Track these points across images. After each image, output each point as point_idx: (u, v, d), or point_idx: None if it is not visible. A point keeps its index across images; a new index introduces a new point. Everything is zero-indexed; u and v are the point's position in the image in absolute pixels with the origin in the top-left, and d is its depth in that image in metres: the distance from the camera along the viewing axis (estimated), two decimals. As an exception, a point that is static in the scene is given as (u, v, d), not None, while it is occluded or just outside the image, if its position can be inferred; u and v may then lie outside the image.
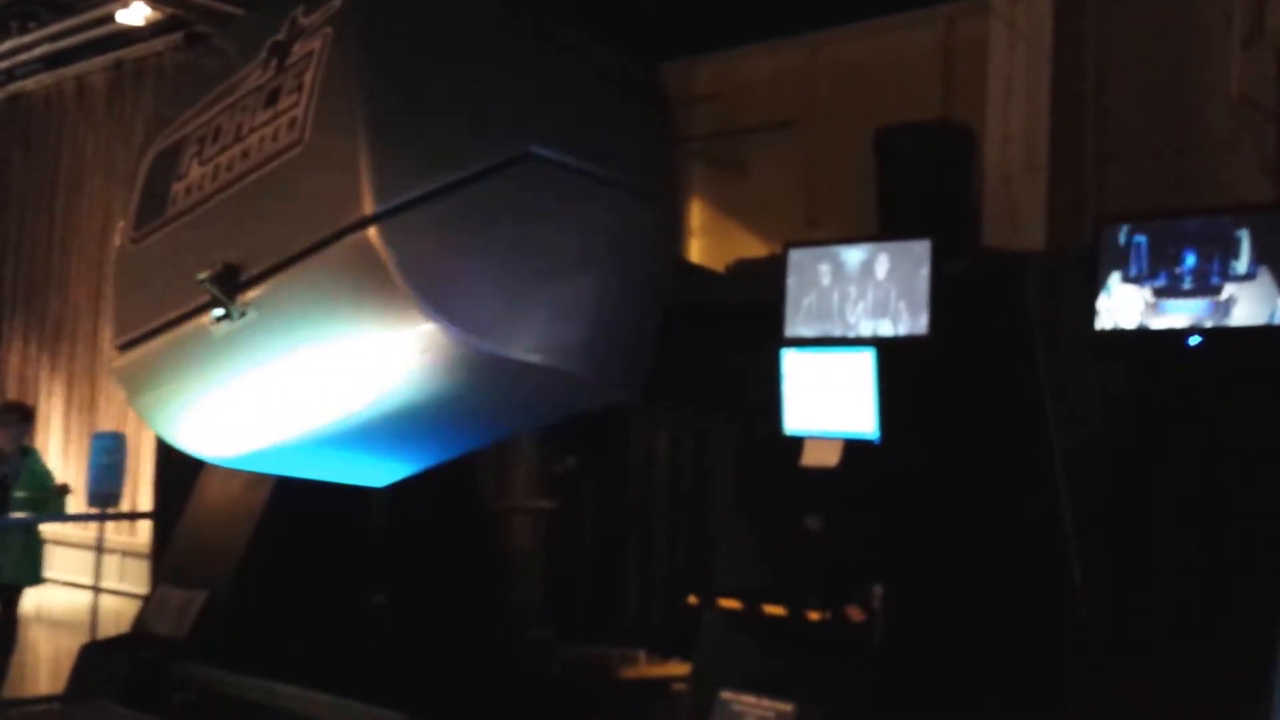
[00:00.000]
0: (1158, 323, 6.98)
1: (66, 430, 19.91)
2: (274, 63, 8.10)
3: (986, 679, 7.55)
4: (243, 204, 7.99)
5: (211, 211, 8.21)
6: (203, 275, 7.90)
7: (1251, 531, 6.58)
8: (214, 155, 8.31)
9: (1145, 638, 6.77)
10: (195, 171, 8.42)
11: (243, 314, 7.81)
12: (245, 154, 8.02)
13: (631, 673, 10.81)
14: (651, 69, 10.12)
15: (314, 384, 8.00)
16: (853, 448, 7.83)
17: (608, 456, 11.65)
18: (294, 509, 9.75)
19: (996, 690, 7.56)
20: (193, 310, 8.06)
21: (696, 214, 13.81)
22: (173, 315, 8.30)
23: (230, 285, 7.85)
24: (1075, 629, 7.17)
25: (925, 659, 7.44)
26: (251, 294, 7.73)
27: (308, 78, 7.70)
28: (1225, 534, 6.66)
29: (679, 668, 10.06)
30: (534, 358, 7.81)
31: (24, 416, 12.41)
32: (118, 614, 13.44)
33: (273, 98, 7.96)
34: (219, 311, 7.86)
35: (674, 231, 9.32)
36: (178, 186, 8.54)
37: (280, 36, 8.15)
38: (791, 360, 8.05)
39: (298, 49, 7.95)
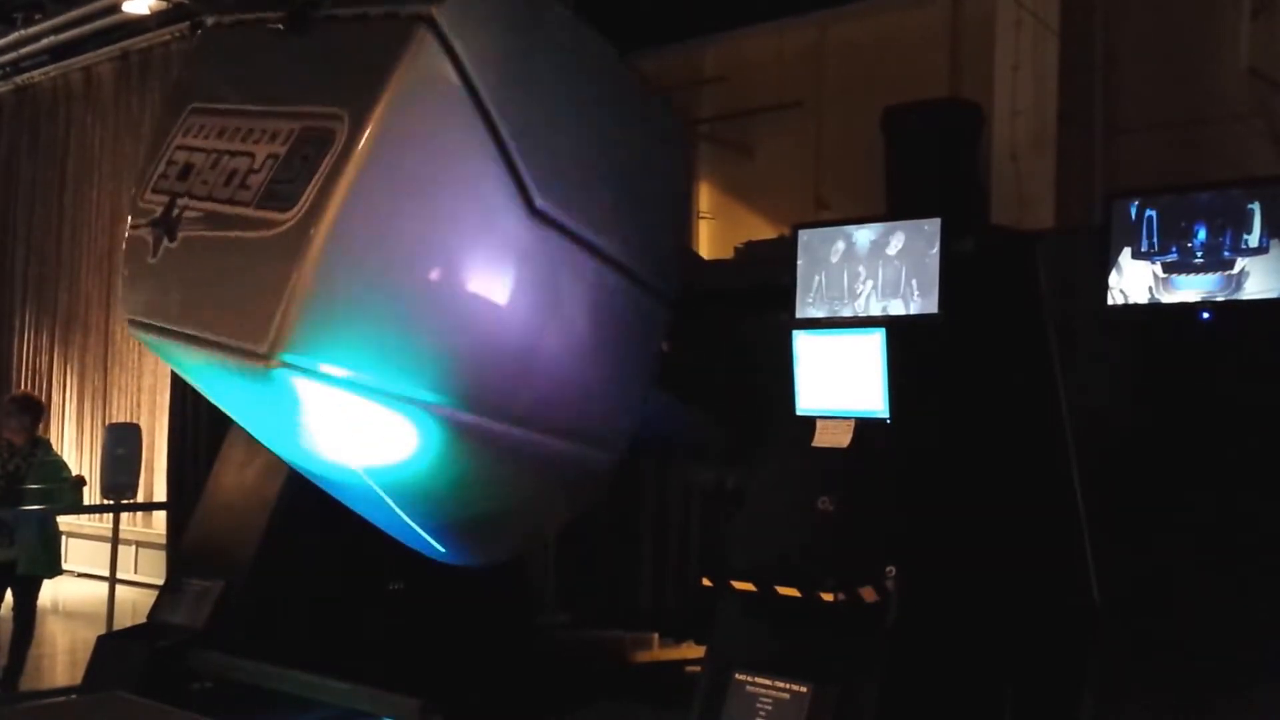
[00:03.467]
0: (1169, 298, 6.96)
1: (80, 422, 19.95)
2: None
3: (1000, 659, 7.56)
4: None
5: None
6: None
7: (1267, 508, 6.56)
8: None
9: (1161, 617, 6.76)
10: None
11: None
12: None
13: (645, 656, 10.83)
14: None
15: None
16: (864, 427, 7.83)
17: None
18: (309, 497, 9.75)
19: (1011, 671, 7.58)
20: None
21: (705, 197, 13.82)
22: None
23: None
24: (1089, 608, 7.16)
25: (939, 639, 7.43)
26: None
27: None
28: (1240, 510, 6.64)
29: (693, 651, 10.07)
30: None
31: (33, 409, 12.41)
32: (134, 605, 13.49)
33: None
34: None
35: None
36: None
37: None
38: (802, 341, 8.04)
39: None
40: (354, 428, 8.03)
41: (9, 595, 11.79)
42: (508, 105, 7.87)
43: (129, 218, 8.64)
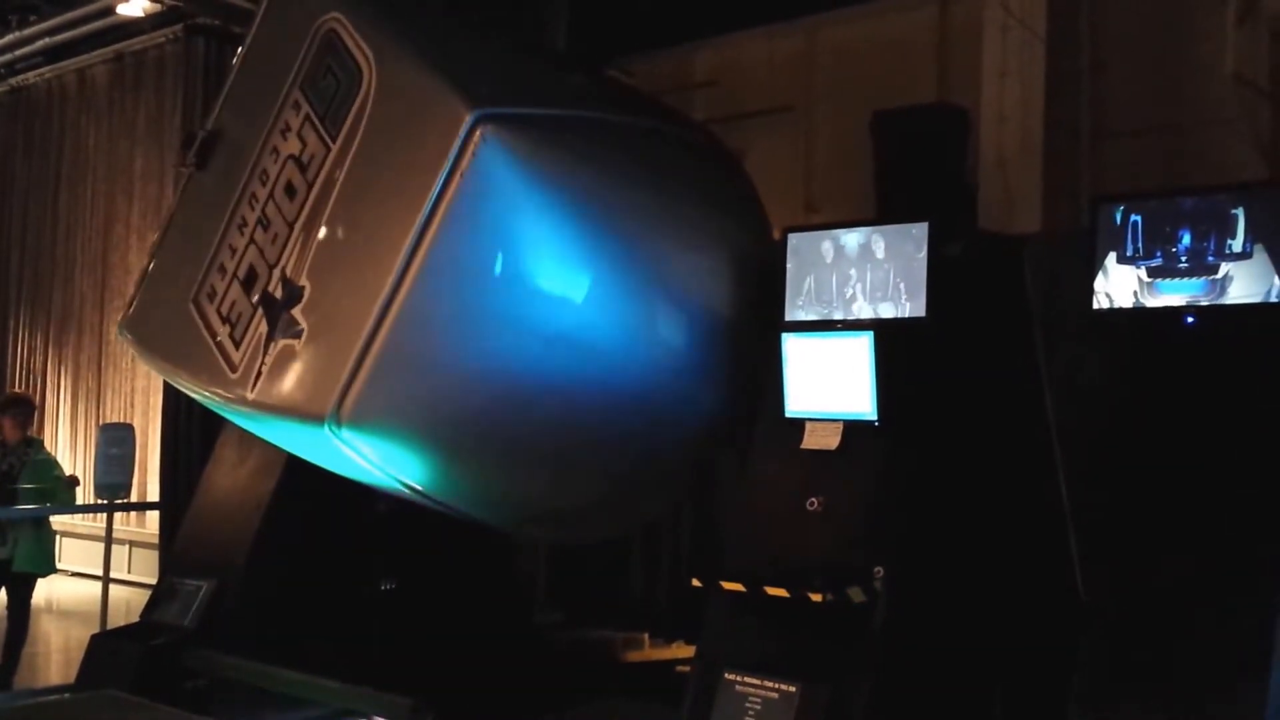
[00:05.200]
0: (1154, 302, 7.00)
1: (74, 422, 19.94)
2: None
3: (988, 659, 7.61)
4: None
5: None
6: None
7: (1250, 510, 6.62)
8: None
9: (1145, 617, 6.81)
10: None
11: None
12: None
13: (636, 655, 10.85)
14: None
15: None
16: (853, 430, 7.88)
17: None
18: (301, 496, 9.80)
19: (998, 671, 7.63)
20: None
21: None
22: None
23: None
24: (1076, 609, 7.21)
25: (927, 639, 7.48)
26: None
27: None
28: (1224, 512, 6.70)
29: (684, 650, 10.10)
30: None
31: (25, 408, 12.42)
32: (128, 604, 13.48)
33: None
34: None
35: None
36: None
37: None
38: (792, 344, 8.09)
39: None
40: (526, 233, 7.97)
41: (3, 593, 11.81)
42: None
43: (247, 398, 8.26)
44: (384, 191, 7.80)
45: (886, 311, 7.86)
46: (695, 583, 8.00)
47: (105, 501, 12.77)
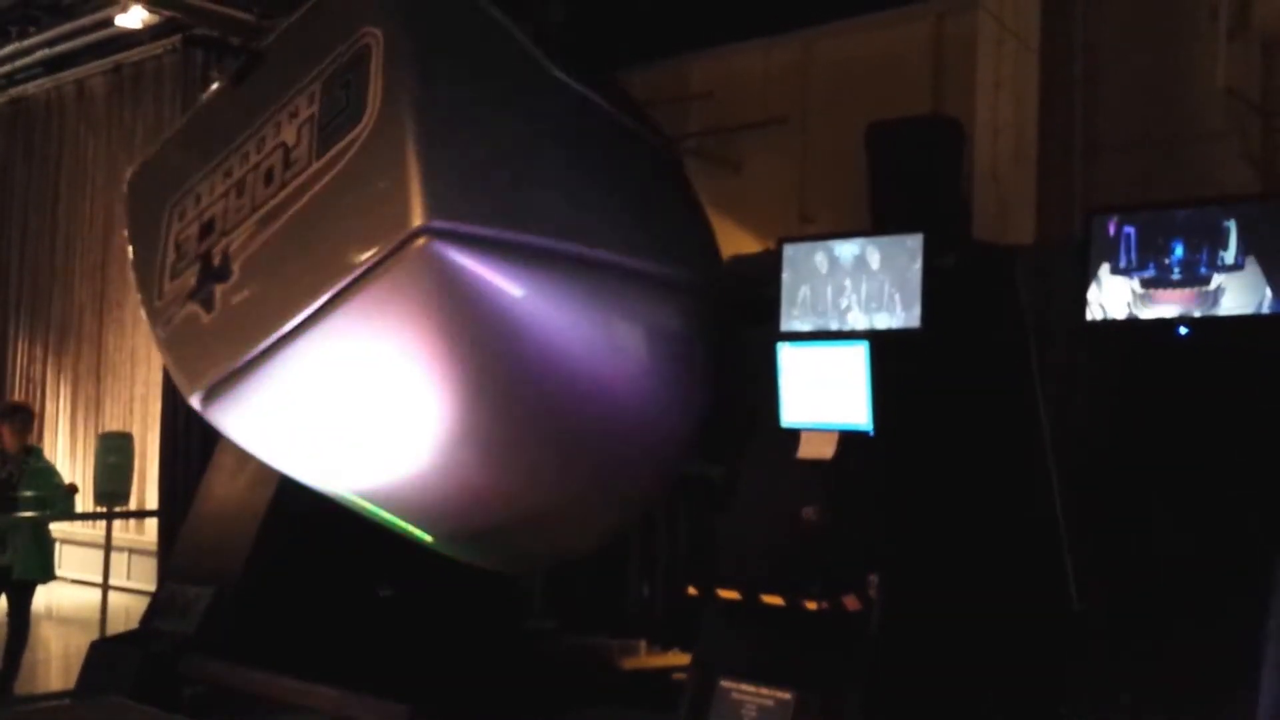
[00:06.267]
0: (1147, 313, 7.05)
1: (73, 430, 19.98)
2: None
3: (982, 668, 7.64)
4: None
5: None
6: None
7: (1241, 519, 6.67)
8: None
9: (1138, 626, 6.86)
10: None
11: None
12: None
13: (632, 663, 10.88)
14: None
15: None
16: (848, 440, 7.92)
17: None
18: (299, 503, 9.84)
19: (992, 678, 7.66)
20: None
21: (692, 211, 13.88)
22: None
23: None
24: (1069, 617, 7.26)
25: (921, 647, 7.51)
26: None
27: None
28: (1215, 522, 6.75)
29: (679, 658, 10.13)
30: None
31: (24, 417, 12.45)
32: (127, 611, 13.52)
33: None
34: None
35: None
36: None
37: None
38: (787, 354, 8.13)
39: None
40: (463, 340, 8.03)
41: (3, 600, 11.85)
42: None
43: (154, 329, 8.80)
44: (328, 236, 7.91)
45: (881, 322, 7.91)
46: (691, 590, 8.05)
47: (104, 509, 12.83)
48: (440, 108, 7.79)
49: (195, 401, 8.58)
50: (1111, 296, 7.15)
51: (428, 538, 9.20)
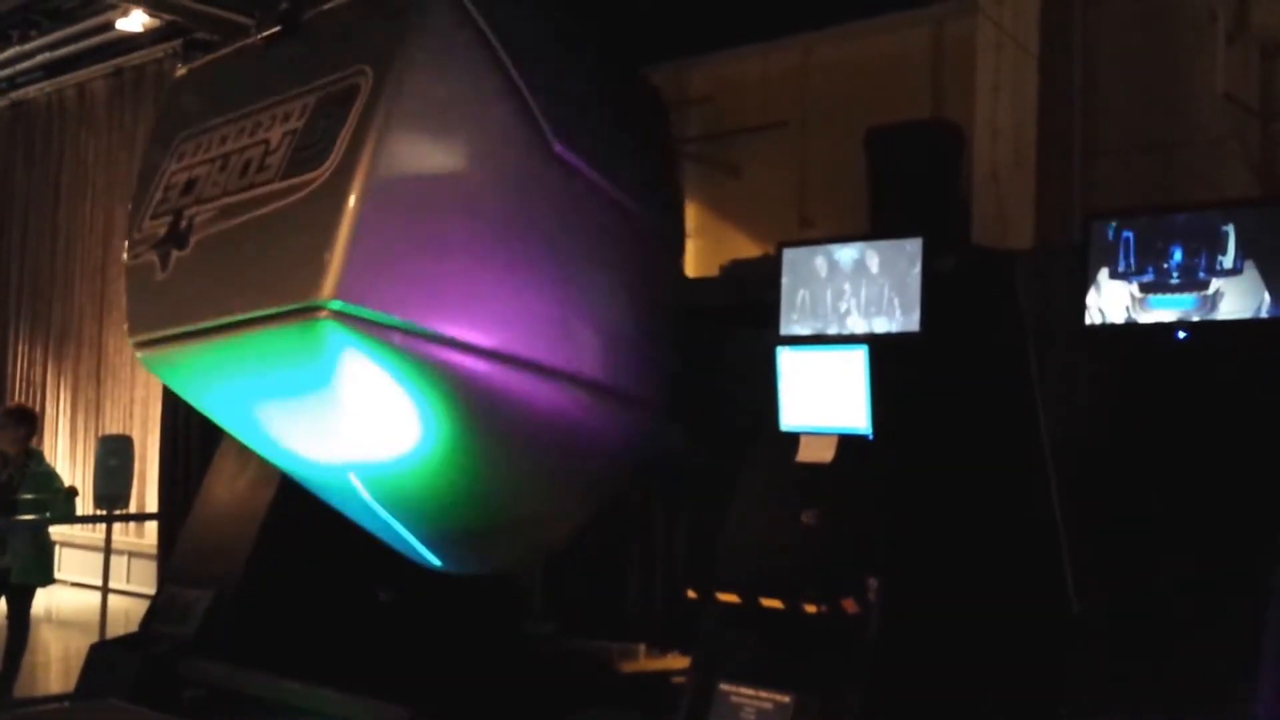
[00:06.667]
0: (1146, 317, 7.06)
1: (73, 433, 20.01)
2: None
3: (981, 670, 7.64)
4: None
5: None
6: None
7: (1239, 523, 6.68)
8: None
9: (1137, 629, 6.87)
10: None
11: None
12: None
13: (631, 666, 10.88)
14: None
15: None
16: (847, 443, 7.93)
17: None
18: (298, 508, 9.85)
19: (991, 681, 7.66)
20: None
21: (691, 216, 13.83)
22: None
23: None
24: (1068, 621, 7.27)
25: (920, 650, 7.51)
26: None
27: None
28: (1214, 525, 6.75)
29: (678, 661, 10.13)
30: None
31: (27, 420, 12.47)
32: (126, 614, 13.51)
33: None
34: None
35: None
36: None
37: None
38: (786, 358, 8.14)
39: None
40: (365, 409, 8.19)
41: (2, 603, 11.87)
42: (522, 51, 8.26)
43: (125, 253, 8.88)
44: (258, 262, 8.04)
45: (880, 326, 7.91)
46: (691, 594, 8.05)
47: (104, 512, 12.83)
48: (395, 184, 7.79)
49: (131, 343, 8.92)
50: (1110, 300, 7.17)
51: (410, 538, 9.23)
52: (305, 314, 7.58)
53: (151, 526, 16.74)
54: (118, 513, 13.09)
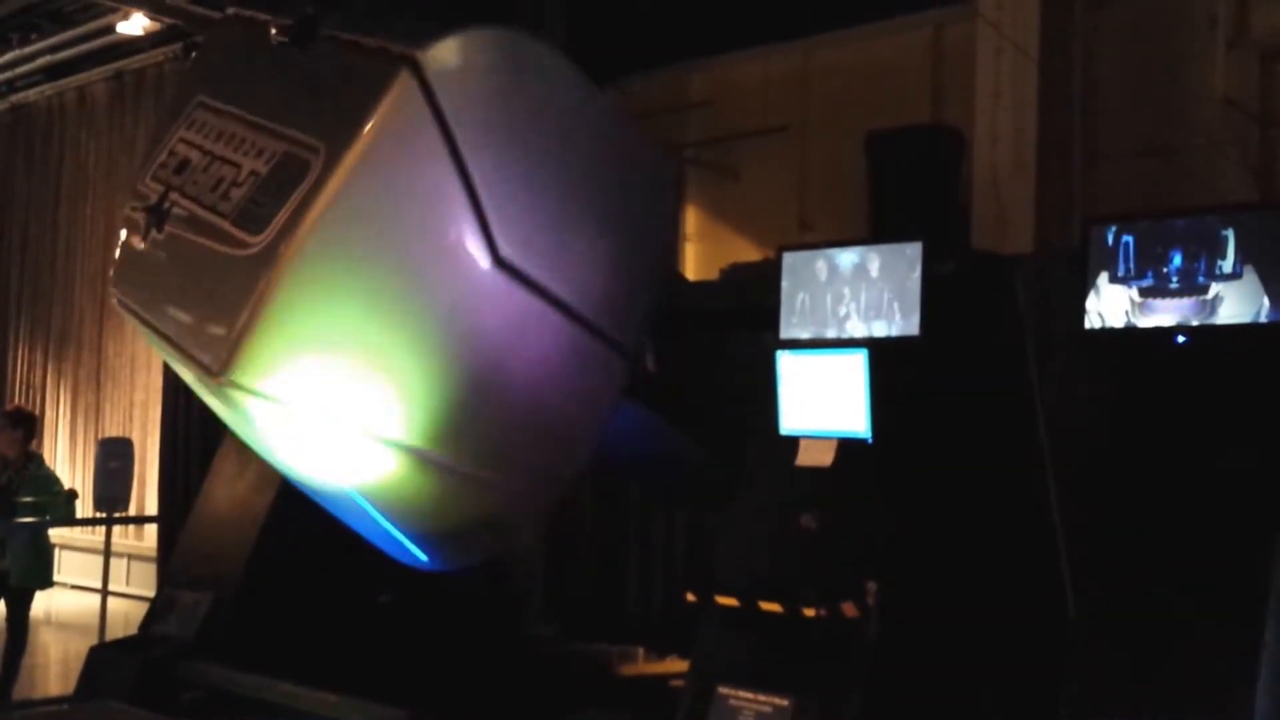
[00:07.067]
0: (1145, 322, 7.04)
1: (73, 436, 20.02)
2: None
3: (980, 673, 7.63)
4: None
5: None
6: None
7: (1238, 526, 6.68)
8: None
9: (1135, 633, 6.86)
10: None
11: None
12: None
13: (631, 669, 10.88)
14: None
15: None
16: (847, 447, 7.93)
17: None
18: (299, 508, 9.84)
19: (990, 684, 7.66)
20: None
21: (691, 219, 13.89)
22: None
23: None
24: (1066, 624, 7.27)
25: (919, 654, 7.50)
26: None
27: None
28: (1212, 529, 6.76)
29: (677, 664, 10.13)
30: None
31: (26, 423, 12.47)
32: (126, 616, 13.52)
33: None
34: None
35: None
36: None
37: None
38: (786, 362, 8.14)
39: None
40: (308, 448, 8.21)
41: (2, 606, 11.87)
42: (483, 154, 7.79)
43: (130, 199, 8.82)
44: (190, 297, 8.11)
45: (880, 330, 7.90)
46: (690, 597, 8.05)
47: (104, 515, 12.83)
48: (319, 278, 7.67)
49: (111, 289, 8.84)
50: (1110, 305, 7.15)
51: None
52: (211, 375, 7.62)
53: (151, 529, 16.77)
54: (117, 515, 13.10)
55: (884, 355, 7.79)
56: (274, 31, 8.38)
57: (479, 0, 8.55)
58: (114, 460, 12.75)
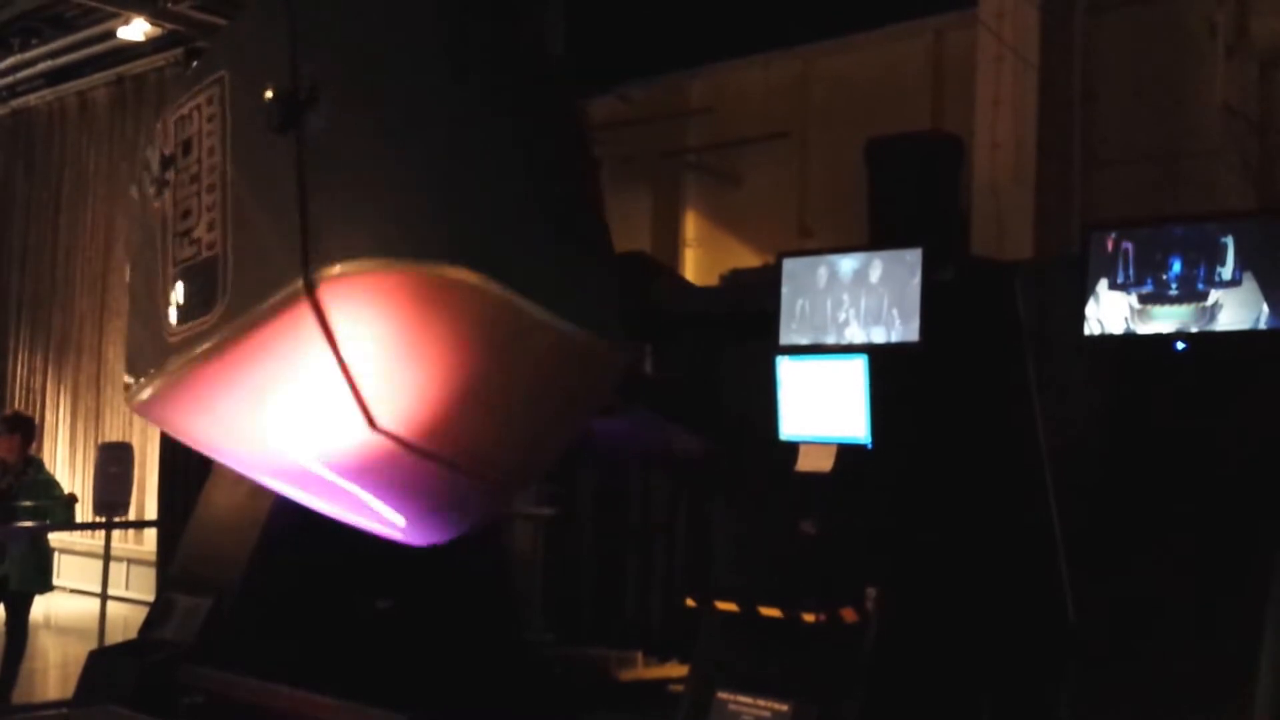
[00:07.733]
0: (1145, 328, 7.04)
1: (72, 440, 20.02)
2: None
3: (979, 678, 7.65)
4: None
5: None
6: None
7: (1237, 533, 6.69)
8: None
9: (1134, 640, 6.87)
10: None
11: None
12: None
13: (630, 674, 10.88)
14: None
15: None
16: (846, 453, 7.94)
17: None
18: (298, 514, 9.84)
19: (989, 689, 7.67)
20: None
21: (692, 225, 13.93)
22: None
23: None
24: (1066, 631, 7.27)
25: (919, 659, 7.52)
26: None
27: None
28: (1211, 535, 6.77)
29: (677, 669, 10.14)
30: None
31: (25, 428, 12.46)
32: (125, 621, 13.51)
33: None
34: None
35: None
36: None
37: None
38: (786, 367, 8.15)
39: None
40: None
41: (1, 610, 11.87)
42: (366, 362, 7.47)
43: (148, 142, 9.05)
44: (135, 322, 8.79)
45: (879, 336, 7.92)
46: (689, 602, 8.06)
47: (104, 519, 12.83)
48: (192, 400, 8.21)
49: None
50: (1109, 311, 7.16)
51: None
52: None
53: (151, 533, 16.76)
54: (117, 520, 13.10)
55: (884, 361, 7.79)
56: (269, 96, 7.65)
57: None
58: (114, 465, 12.74)
